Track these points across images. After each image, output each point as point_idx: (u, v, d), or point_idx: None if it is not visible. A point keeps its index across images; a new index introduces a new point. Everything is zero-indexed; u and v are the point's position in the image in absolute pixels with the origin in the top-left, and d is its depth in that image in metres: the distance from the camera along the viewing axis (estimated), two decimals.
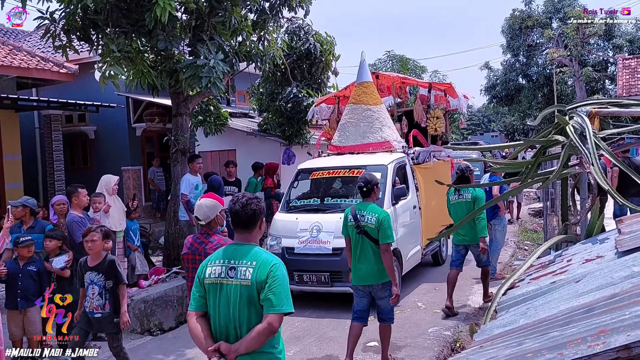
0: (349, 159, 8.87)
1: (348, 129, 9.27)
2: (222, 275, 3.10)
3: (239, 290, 3.04)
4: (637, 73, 24.27)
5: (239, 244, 3.20)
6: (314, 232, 7.74)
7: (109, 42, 7.70)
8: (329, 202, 8.38)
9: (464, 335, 6.25)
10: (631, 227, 3.96)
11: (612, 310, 2.45)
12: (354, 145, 9.12)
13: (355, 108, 9.28)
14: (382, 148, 8.93)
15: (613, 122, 15.69)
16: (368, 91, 9.35)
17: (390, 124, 9.30)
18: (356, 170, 8.16)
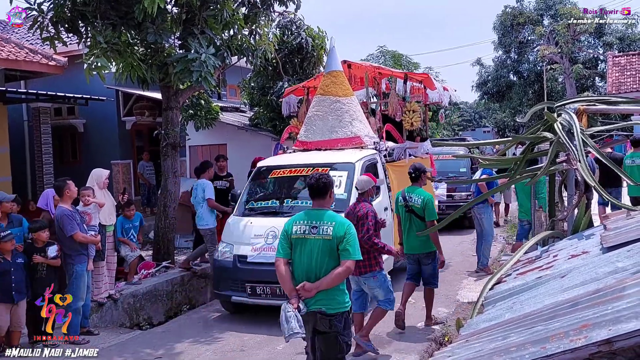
0: (313, 156, 8.07)
1: (315, 123, 8.46)
2: (306, 232, 4.14)
3: (321, 243, 4.07)
4: (627, 71, 24.42)
5: (317, 209, 4.25)
6: (269, 239, 6.90)
7: (96, 34, 7.64)
8: (289, 205, 7.49)
9: (452, 329, 6.29)
10: (616, 223, 4.01)
11: (595, 305, 2.48)
12: (321, 141, 8.32)
13: (323, 100, 8.50)
14: (352, 144, 8.16)
15: (602, 120, 15.79)
16: (337, 81, 8.56)
17: (361, 117, 8.55)
18: (320, 169, 7.18)
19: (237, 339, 6.55)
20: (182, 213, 10.11)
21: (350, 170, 7.36)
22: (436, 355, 3.17)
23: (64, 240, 6.60)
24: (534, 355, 2.24)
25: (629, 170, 9.11)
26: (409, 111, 9.31)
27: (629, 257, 3.07)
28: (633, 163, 9.44)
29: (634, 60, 24.92)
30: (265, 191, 8.09)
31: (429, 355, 5.78)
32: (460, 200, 12.57)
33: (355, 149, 8.06)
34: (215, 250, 7.71)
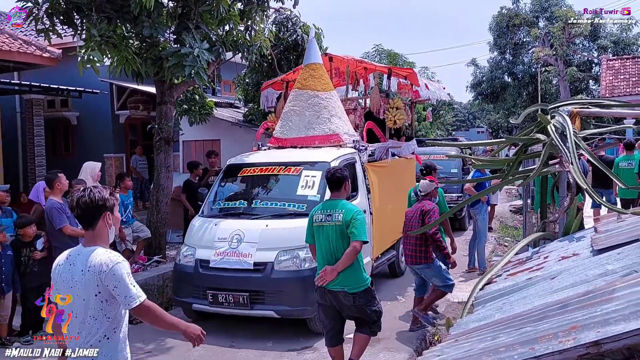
0: (287, 154, 7.63)
1: (291, 119, 7.97)
2: (323, 220, 4.87)
3: (335, 229, 4.77)
4: (621, 74, 24.55)
5: (333, 200, 4.98)
6: (233, 242, 6.43)
7: (91, 27, 7.61)
8: (258, 206, 7.03)
9: (442, 329, 6.32)
10: (607, 226, 4.03)
11: (585, 307, 2.50)
12: (296, 138, 7.86)
13: (300, 94, 8.01)
14: (330, 142, 7.70)
15: (595, 123, 15.87)
16: (316, 74, 8.06)
17: (341, 114, 8.07)
18: (293, 168, 7.05)
19: (227, 334, 6.54)
20: (174, 208, 10.08)
21: (325, 170, 6.27)
22: (425, 354, 3.18)
23: (53, 233, 6.58)
24: (522, 355, 2.25)
25: (621, 172, 9.19)
26: (392, 108, 8.83)
27: (619, 259, 3.09)
28: (630, 166, 9.54)
29: (628, 64, 25.07)
30: (235, 190, 7.69)
31: (419, 354, 5.80)
32: (450, 202, 11.84)
33: (332, 147, 7.62)
34: (178, 253, 7.32)
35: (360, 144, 7.74)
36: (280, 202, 6.93)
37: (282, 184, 7.32)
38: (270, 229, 6.47)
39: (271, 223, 6.55)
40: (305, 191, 6.79)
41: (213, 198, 7.46)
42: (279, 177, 7.31)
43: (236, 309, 6.34)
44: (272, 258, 6.26)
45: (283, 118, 8.11)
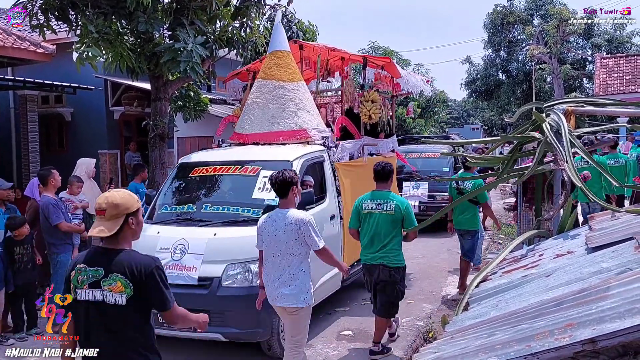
0: (246, 151, 6.86)
1: (253, 112, 7.16)
2: (372, 208, 5.57)
3: (385, 217, 5.50)
4: (614, 72, 24.66)
5: (380, 191, 5.65)
6: (176, 254, 5.60)
7: (87, 23, 7.59)
8: (207, 211, 6.15)
9: (436, 325, 6.35)
10: (601, 224, 4.06)
11: (580, 304, 2.52)
12: (259, 134, 7.04)
13: (264, 84, 7.21)
14: (296, 138, 6.91)
15: (589, 121, 15.94)
16: (282, 63, 7.27)
17: (310, 107, 7.26)
18: (249, 168, 6.27)
19: None
20: None
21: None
22: (422, 350, 3.20)
23: (49, 229, 6.57)
24: (519, 353, 2.27)
25: (610, 170, 9.28)
26: (366, 101, 7.98)
27: (613, 257, 3.11)
28: (617, 164, 9.68)
29: (622, 62, 25.18)
30: (183, 193, 6.68)
31: (413, 350, 5.83)
32: (442, 201, 11.70)
33: (299, 144, 6.85)
34: None
35: (330, 140, 7.01)
36: (234, 207, 6.09)
37: (237, 185, 6.50)
38: (218, 238, 5.64)
39: (220, 231, 5.72)
40: (262, 194, 5.97)
41: (161, 202, 6.52)
42: (233, 178, 6.48)
43: (178, 331, 5.29)
44: (220, 272, 5.41)
45: (245, 111, 7.30)
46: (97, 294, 2.88)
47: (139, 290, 2.84)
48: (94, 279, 2.88)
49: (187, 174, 6.74)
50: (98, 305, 2.87)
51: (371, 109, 7.94)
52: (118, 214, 2.95)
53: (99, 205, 2.97)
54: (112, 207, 2.94)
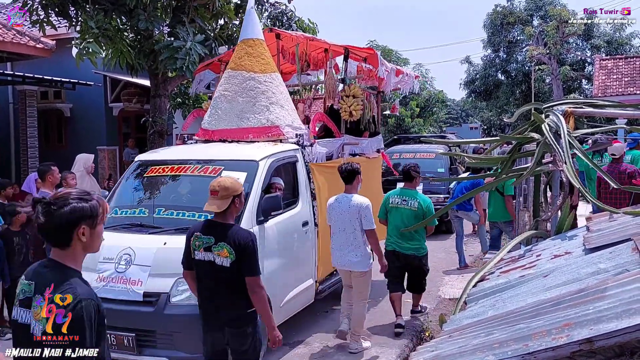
0: (211, 149, 6.20)
1: (221, 106, 6.47)
2: (399, 203, 6.30)
3: (408, 212, 6.24)
4: (613, 74, 24.68)
5: (407, 189, 6.39)
6: (121, 265, 4.94)
7: (88, 19, 7.60)
8: (161, 216, 5.44)
9: (433, 325, 6.36)
10: (599, 225, 4.08)
11: (578, 305, 2.53)
12: (226, 130, 6.36)
13: (233, 76, 6.50)
14: (267, 135, 6.23)
15: (587, 122, 15.97)
16: (254, 52, 6.53)
17: (284, 102, 6.58)
18: (211, 168, 5.57)
19: None
20: None
21: (252, 171, 5.46)
22: (419, 349, 3.21)
23: None
24: (516, 352, 2.29)
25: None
26: (347, 96, 7.31)
27: (610, 258, 3.13)
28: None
29: (621, 64, 25.20)
30: (136, 195, 6.01)
31: (410, 349, 5.84)
32: (436, 204, 10.88)
33: (269, 142, 6.18)
34: None
35: (304, 139, 6.34)
36: (189, 212, 5.35)
37: (196, 188, 5.76)
38: (168, 247, 4.87)
39: (171, 240, 4.95)
40: None
41: (113, 204, 5.84)
42: (192, 179, 5.80)
43: (120, 353, 4.79)
44: (168, 287, 4.76)
45: (212, 105, 6.62)
46: (209, 256, 3.75)
47: (239, 257, 3.66)
48: (207, 245, 3.74)
49: (143, 173, 6.02)
50: (210, 264, 3.76)
51: (352, 104, 7.26)
52: (227, 195, 3.74)
53: (212, 188, 3.76)
54: (223, 190, 3.74)
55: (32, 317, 2.25)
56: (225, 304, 3.81)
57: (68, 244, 2.29)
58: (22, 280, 2.39)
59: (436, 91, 35.56)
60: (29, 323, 2.27)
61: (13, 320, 2.41)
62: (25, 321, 2.29)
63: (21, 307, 2.32)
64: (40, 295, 2.23)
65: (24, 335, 2.28)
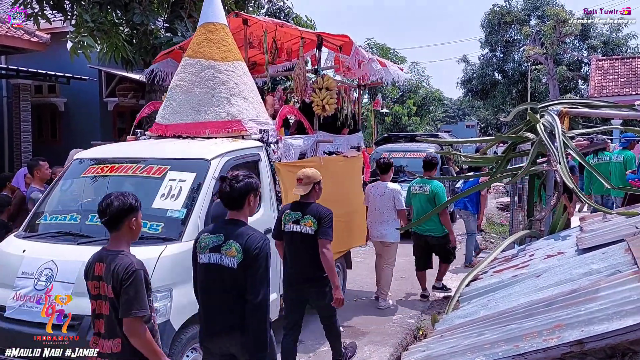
0: (154, 147, 5.49)
1: (176, 97, 5.81)
2: (417, 190, 7.27)
3: (424, 197, 7.17)
4: (609, 75, 24.73)
5: (425, 178, 7.28)
6: (40, 281, 4.16)
7: (83, 13, 7.56)
8: (94, 223, 4.49)
9: (427, 323, 6.36)
10: (592, 225, 4.07)
11: (569, 305, 2.52)
12: (181, 124, 5.69)
13: (190, 64, 5.85)
14: (227, 131, 5.59)
15: (583, 122, 15.99)
16: (215, 38, 5.86)
17: (248, 93, 5.90)
18: (155, 168, 4.89)
19: None
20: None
21: (202, 171, 4.83)
22: (411, 349, 3.20)
23: None
24: (507, 353, 2.27)
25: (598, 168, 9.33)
26: (319, 89, 6.63)
27: (603, 259, 3.12)
28: (600, 161, 9.69)
29: (617, 64, 25.26)
30: (70, 198, 5.25)
31: (403, 348, 5.84)
32: None
33: (229, 138, 5.54)
34: None
35: (269, 135, 5.71)
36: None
37: (137, 190, 4.77)
38: None
39: None
40: (165, 202, 4.61)
41: (44, 208, 5.10)
42: (133, 180, 5.03)
43: None
44: None
45: (167, 97, 5.96)
46: (297, 227, 4.76)
47: (319, 226, 4.67)
48: (296, 219, 4.76)
49: (80, 173, 5.26)
50: (298, 233, 4.74)
51: (325, 97, 6.56)
52: (309, 182, 4.79)
53: (298, 176, 4.86)
54: (305, 178, 4.79)
55: (224, 256, 3.31)
56: (308, 264, 4.74)
57: (241, 208, 3.42)
58: (208, 235, 3.43)
59: (433, 89, 35.56)
60: (221, 262, 3.33)
61: (203, 264, 3.42)
62: (217, 261, 3.35)
63: (211, 253, 3.37)
64: (230, 241, 3.33)
65: (217, 270, 3.35)
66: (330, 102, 6.62)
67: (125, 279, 2.87)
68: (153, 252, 4.13)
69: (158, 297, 3.97)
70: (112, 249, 3.06)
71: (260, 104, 6.12)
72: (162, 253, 4.16)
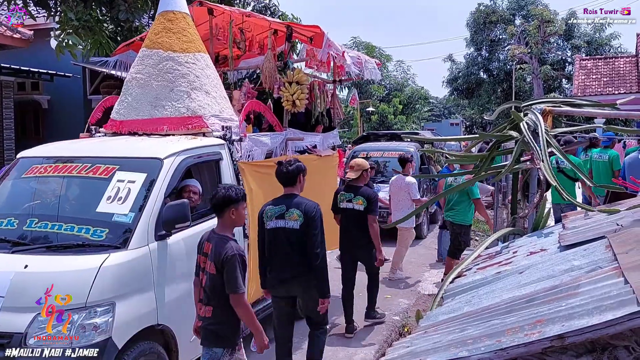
0: (103, 145, 5.02)
1: (132, 92, 5.34)
2: (452, 182, 7.70)
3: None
4: (593, 74, 25.01)
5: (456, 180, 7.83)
6: None
7: (68, 10, 7.49)
8: (32, 228, 4.14)
9: (412, 320, 6.40)
10: (574, 222, 4.12)
11: (551, 301, 2.55)
12: (137, 121, 5.23)
13: (147, 55, 5.37)
14: (187, 127, 5.14)
15: (566, 122, 16.16)
16: (175, 28, 5.41)
17: (211, 87, 5.45)
18: (102, 167, 4.41)
19: None
20: None
21: (153, 172, 4.36)
22: (395, 345, 3.22)
23: None
24: (489, 348, 2.30)
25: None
26: (289, 83, 6.21)
27: (584, 255, 3.16)
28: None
29: (600, 64, 25.55)
30: (9, 201, 4.77)
31: (388, 345, 5.87)
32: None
33: (189, 135, 5.10)
34: None
35: (233, 132, 5.27)
36: (67, 225, 4.12)
37: (82, 192, 4.60)
38: (30, 272, 3.72)
39: (37, 262, 3.81)
40: (111, 206, 4.16)
41: None
42: (78, 181, 4.58)
43: None
44: (24, 325, 3.53)
45: (123, 91, 5.48)
46: (350, 205, 6.10)
47: (368, 204, 5.95)
48: (349, 198, 6.11)
49: (22, 173, 4.78)
50: (351, 210, 6.08)
51: (295, 92, 6.12)
52: (359, 169, 6.10)
53: (350, 165, 6.19)
54: (357, 165, 6.12)
55: (288, 221, 4.41)
56: (359, 234, 6.06)
57: (295, 184, 4.55)
58: (272, 207, 4.53)
59: (418, 88, 35.73)
60: (286, 226, 4.42)
61: (271, 229, 4.48)
62: (282, 226, 4.45)
63: (277, 220, 4.46)
64: (292, 209, 4.41)
65: (284, 232, 4.43)
66: (301, 97, 6.23)
67: (226, 261, 3.43)
68: (93, 261, 3.73)
69: (98, 313, 3.60)
70: (218, 233, 3.62)
71: (225, 98, 5.65)
72: (104, 263, 3.74)
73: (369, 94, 32.72)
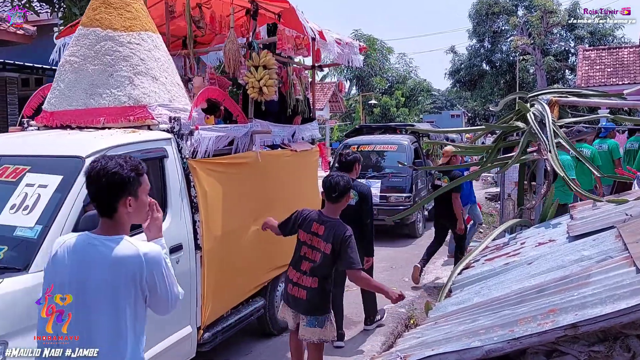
0: (17, 141, 4.22)
1: (65, 78, 4.49)
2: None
3: None
4: (596, 65, 24.89)
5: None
6: None
7: (71, 5, 7.48)
8: None
9: (418, 312, 6.41)
10: (583, 213, 4.13)
11: (562, 291, 2.56)
12: (69, 111, 4.41)
13: (84, 35, 4.50)
14: (128, 119, 4.28)
15: (571, 112, 16.06)
16: (116, 2, 4.51)
17: (160, 72, 4.55)
18: (11, 168, 3.61)
19: None
20: None
21: (71, 174, 3.49)
22: (406, 335, 3.23)
23: None
24: (502, 337, 2.31)
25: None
26: (255, 67, 5.20)
27: (594, 245, 3.17)
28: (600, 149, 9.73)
29: (604, 54, 25.42)
30: None
31: (395, 336, 5.88)
32: (396, 203, 10.03)
33: (130, 128, 4.24)
34: None
35: (182, 124, 4.38)
36: None
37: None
38: None
39: None
40: (14, 217, 3.33)
41: None
42: None
43: None
44: None
45: (55, 77, 4.64)
46: (439, 182, 7.29)
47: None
48: (439, 177, 7.39)
49: None
50: (440, 187, 6.85)
51: (262, 78, 5.17)
52: (447, 155, 7.02)
53: (442, 152, 6.49)
54: (445, 152, 7.04)
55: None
56: (444, 206, 7.18)
57: (351, 171, 5.35)
58: None
59: (421, 80, 35.63)
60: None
61: None
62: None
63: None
64: None
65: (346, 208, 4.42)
66: (269, 84, 5.20)
67: (345, 242, 3.82)
68: None
69: None
70: (329, 216, 4.01)
71: (178, 85, 4.77)
72: None
73: (371, 87, 32.67)
